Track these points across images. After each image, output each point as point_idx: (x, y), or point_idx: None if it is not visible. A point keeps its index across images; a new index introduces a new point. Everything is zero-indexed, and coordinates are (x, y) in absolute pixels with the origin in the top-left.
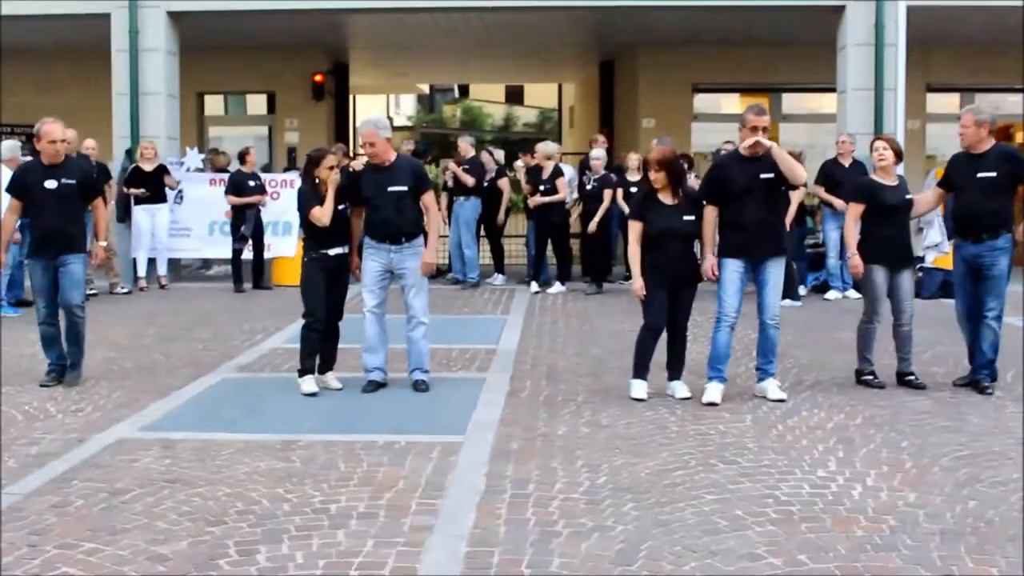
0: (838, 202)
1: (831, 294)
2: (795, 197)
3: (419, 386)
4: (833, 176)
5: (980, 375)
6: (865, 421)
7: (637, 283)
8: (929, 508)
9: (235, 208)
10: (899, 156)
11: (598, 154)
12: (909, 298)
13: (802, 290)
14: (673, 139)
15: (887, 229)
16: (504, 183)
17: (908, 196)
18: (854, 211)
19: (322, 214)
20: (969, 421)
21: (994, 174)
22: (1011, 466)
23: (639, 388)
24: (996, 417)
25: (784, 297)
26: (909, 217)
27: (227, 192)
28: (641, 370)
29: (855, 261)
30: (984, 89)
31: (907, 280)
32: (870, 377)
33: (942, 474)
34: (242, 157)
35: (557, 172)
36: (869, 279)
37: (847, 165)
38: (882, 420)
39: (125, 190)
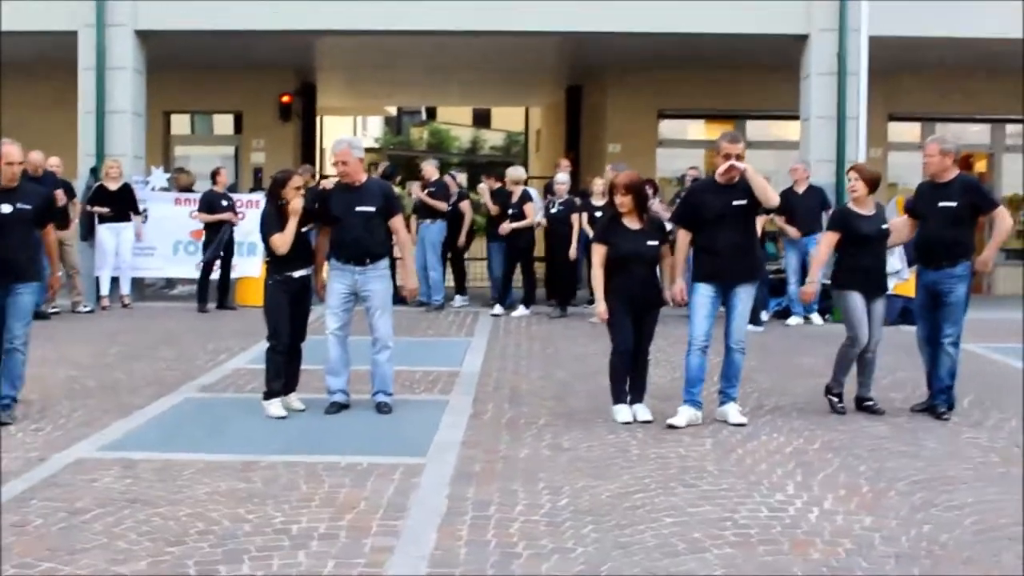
0: (791, 230)
1: (792, 320)
2: (757, 223)
3: (382, 408)
4: (788, 203)
5: (937, 400)
6: (823, 445)
7: (600, 306)
8: (885, 531)
9: (207, 227)
10: (872, 185)
11: (562, 178)
12: (879, 326)
13: (764, 315)
14: (639, 164)
15: (862, 259)
16: (466, 206)
17: (885, 226)
18: (829, 239)
19: (282, 243)
20: (926, 446)
21: (955, 204)
22: (966, 490)
23: (622, 412)
24: (952, 442)
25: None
26: (885, 247)
27: (199, 210)
28: (619, 395)
29: (808, 289)
30: (945, 118)
31: (879, 308)
32: (835, 399)
33: (898, 498)
34: (213, 176)
35: (525, 197)
36: (849, 305)
37: (801, 192)
38: (840, 444)
39: (89, 208)
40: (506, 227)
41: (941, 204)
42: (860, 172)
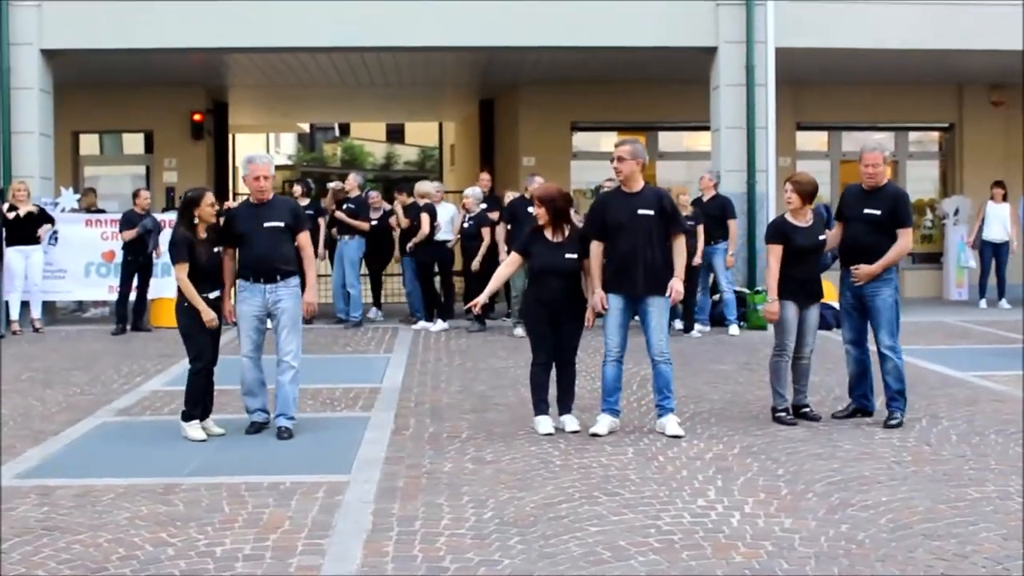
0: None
1: (697, 327)
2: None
3: (282, 433)
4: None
5: (891, 407)
6: (742, 451)
7: (480, 299)
8: (804, 532)
9: (125, 247)
10: (807, 197)
11: (470, 192)
12: (813, 332)
13: (678, 323)
14: (553, 176)
15: (798, 269)
16: (393, 222)
17: (822, 237)
18: (775, 252)
19: (180, 278)
20: (841, 448)
21: (879, 212)
22: (880, 489)
23: (544, 424)
24: (866, 443)
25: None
26: (820, 256)
27: (121, 229)
28: (540, 405)
29: (772, 308)
30: (851, 127)
31: (814, 315)
32: (783, 414)
33: (816, 499)
34: (134, 197)
35: (423, 209)
36: (781, 314)
37: (706, 200)
38: (758, 449)
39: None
40: (413, 242)
41: (866, 211)
42: (796, 184)
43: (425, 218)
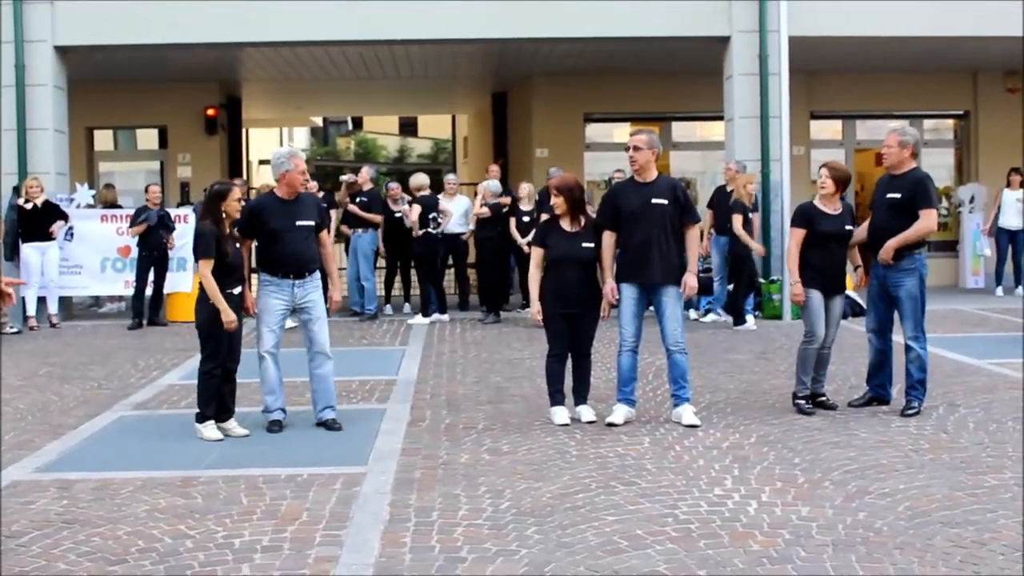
0: (756, 246)
1: (710, 317)
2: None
3: (333, 425)
4: (715, 200)
5: (909, 396)
6: (759, 440)
7: (535, 307)
8: (821, 520)
9: (141, 240)
10: (841, 184)
11: (485, 186)
12: (836, 323)
13: (693, 314)
14: (567, 168)
15: (822, 257)
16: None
17: (849, 227)
18: (796, 236)
19: (204, 274)
20: (857, 436)
21: (900, 196)
22: (897, 477)
23: (560, 414)
24: (883, 432)
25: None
26: (846, 246)
27: (131, 225)
28: (556, 396)
29: (796, 289)
30: (865, 115)
31: (838, 307)
32: (802, 401)
33: (833, 488)
34: (145, 193)
35: (418, 201)
36: (807, 302)
37: (730, 190)
38: (775, 438)
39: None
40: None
41: (889, 195)
42: (832, 170)
43: (407, 209)
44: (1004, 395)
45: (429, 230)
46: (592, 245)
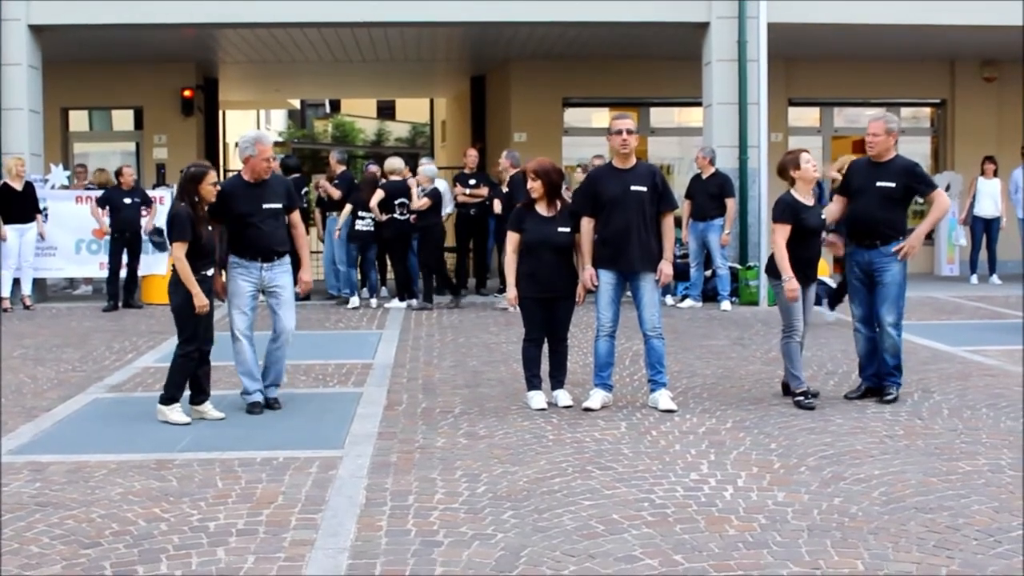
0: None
1: (687, 303)
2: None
3: (274, 404)
4: (692, 188)
5: (887, 382)
6: (735, 425)
7: (511, 292)
8: (796, 506)
9: (112, 222)
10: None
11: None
12: (810, 312)
13: (669, 299)
14: (545, 152)
15: (803, 250)
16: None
17: (823, 216)
18: (784, 232)
19: (178, 257)
20: (833, 422)
21: (893, 184)
22: (872, 463)
23: (537, 399)
24: (858, 418)
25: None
26: (820, 236)
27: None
28: (533, 381)
29: (792, 285)
30: (843, 103)
31: (811, 295)
32: (801, 398)
33: (808, 473)
34: (117, 175)
35: (381, 186)
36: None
37: (705, 177)
38: (751, 423)
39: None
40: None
41: (879, 183)
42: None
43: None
44: (978, 382)
45: (395, 215)
46: (568, 230)
